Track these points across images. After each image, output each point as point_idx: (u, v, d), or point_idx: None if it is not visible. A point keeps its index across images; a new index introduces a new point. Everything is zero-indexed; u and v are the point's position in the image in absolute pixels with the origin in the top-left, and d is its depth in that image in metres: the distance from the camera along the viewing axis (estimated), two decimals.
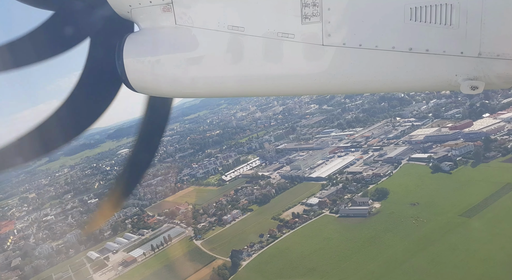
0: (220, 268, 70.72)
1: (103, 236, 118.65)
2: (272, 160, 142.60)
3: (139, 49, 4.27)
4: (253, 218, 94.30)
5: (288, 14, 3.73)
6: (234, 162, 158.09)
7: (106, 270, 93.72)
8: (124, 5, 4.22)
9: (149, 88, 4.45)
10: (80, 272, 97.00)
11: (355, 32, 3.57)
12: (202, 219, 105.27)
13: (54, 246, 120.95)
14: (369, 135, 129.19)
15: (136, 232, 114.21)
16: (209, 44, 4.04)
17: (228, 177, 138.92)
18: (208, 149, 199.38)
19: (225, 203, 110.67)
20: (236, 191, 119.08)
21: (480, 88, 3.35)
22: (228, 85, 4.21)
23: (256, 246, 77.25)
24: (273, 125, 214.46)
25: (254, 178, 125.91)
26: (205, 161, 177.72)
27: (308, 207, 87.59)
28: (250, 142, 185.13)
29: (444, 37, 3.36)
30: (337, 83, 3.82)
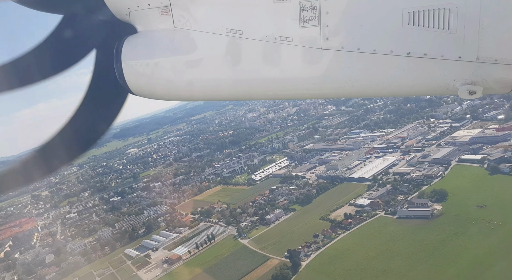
0: (282, 268, 69.33)
1: (138, 234, 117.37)
2: (301, 160, 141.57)
3: (137, 52, 4.23)
4: (298, 218, 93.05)
5: (287, 17, 3.70)
6: (260, 162, 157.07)
7: (150, 267, 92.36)
8: (123, 8, 4.16)
9: (147, 91, 4.37)
10: (122, 269, 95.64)
11: (353, 36, 3.55)
12: (242, 218, 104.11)
13: (86, 243, 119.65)
14: (404, 136, 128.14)
15: (172, 230, 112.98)
16: (207, 47, 4.00)
17: (258, 177, 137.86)
18: (226, 149, 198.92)
19: (262, 203, 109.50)
20: (271, 190, 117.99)
21: (478, 93, 3.32)
22: (226, 88, 4.16)
23: (313, 246, 75.93)
24: (290, 125, 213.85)
25: (287, 178, 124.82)
26: (227, 161, 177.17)
27: (358, 208, 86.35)
28: (270, 142, 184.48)
29: (442, 41, 3.34)
30: (335, 87, 3.81)
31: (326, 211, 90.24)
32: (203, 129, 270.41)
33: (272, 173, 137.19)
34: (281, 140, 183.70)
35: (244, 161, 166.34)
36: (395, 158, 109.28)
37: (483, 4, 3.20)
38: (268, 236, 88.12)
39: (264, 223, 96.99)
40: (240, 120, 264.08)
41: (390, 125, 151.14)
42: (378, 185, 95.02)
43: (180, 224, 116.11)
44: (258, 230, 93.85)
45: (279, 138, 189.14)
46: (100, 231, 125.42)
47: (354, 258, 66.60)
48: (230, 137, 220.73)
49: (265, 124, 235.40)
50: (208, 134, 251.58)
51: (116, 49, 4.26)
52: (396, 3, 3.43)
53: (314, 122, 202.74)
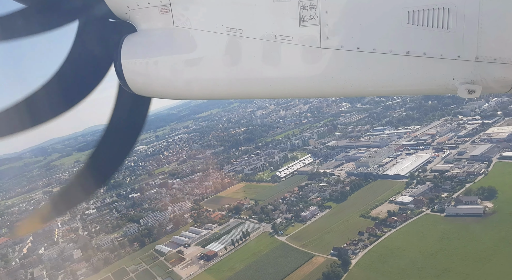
0: (333, 266, 67.98)
1: (166, 230, 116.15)
2: (326, 157, 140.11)
3: (136, 51, 4.23)
4: (336, 215, 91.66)
5: (286, 16, 3.71)
6: (282, 159, 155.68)
7: (185, 263, 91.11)
8: (122, 6, 4.16)
9: (147, 89, 4.36)
10: (156, 265, 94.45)
11: (353, 35, 3.57)
12: (274, 215, 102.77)
13: (113, 239, 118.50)
14: (433, 133, 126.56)
15: (202, 226, 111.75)
16: (207, 46, 4.00)
17: (283, 174, 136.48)
18: (241, 146, 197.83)
19: (294, 200, 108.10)
20: (300, 187, 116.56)
21: (477, 92, 3.34)
22: (226, 87, 4.15)
23: (360, 244, 74.56)
24: (304, 123, 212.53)
25: (315, 175, 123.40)
26: (245, 158, 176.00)
27: (400, 205, 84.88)
28: (288, 139, 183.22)
29: (441, 40, 3.36)
30: (335, 86, 3.80)
31: (365, 209, 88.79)
32: (211, 127, 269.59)
33: (297, 170, 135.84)
34: (299, 137, 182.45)
35: (264, 158, 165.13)
36: (429, 155, 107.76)
37: (482, 3, 3.18)
38: (307, 233, 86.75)
39: (299, 220, 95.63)
40: (250, 118, 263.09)
41: (414, 122, 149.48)
42: (416, 182, 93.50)
43: (208, 220, 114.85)
44: (294, 227, 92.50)
45: (296, 135, 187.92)
46: (126, 227, 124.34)
47: (408, 257, 65.20)
48: (243, 135, 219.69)
49: (278, 121, 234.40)
50: (218, 132, 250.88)
51: (115, 48, 4.22)
52: (395, 2, 3.41)
53: (330, 119, 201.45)
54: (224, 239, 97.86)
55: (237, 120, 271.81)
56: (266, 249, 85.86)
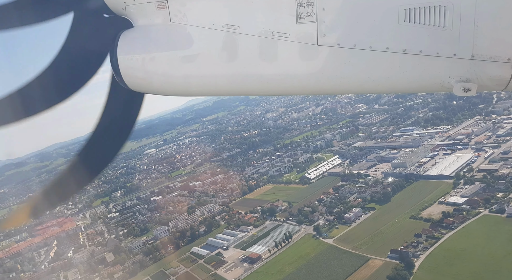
0: (397, 269, 65.36)
1: (198, 233, 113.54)
2: (355, 158, 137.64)
3: (133, 46, 4.21)
4: (382, 217, 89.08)
5: (283, 13, 3.71)
6: (307, 160, 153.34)
7: (228, 266, 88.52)
8: (119, 1, 4.15)
9: (143, 85, 4.35)
10: (196, 268, 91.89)
11: (350, 32, 3.58)
12: (314, 217, 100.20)
13: (144, 241, 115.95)
14: (468, 132, 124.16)
15: (237, 229, 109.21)
16: (203, 42, 3.99)
17: (312, 175, 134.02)
18: (259, 148, 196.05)
19: (332, 201, 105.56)
20: (335, 189, 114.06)
21: (472, 90, 3.36)
22: (222, 83, 4.13)
23: (419, 246, 71.91)
24: (320, 124, 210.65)
25: (348, 176, 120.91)
26: (266, 160, 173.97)
27: (453, 206, 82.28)
28: (308, 141, 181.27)
29: (437, 38, 3.38)
30: (331, 83, 3.78)
31: (414, 210, 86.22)
32: (220, 130, 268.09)
33: (327, 172, 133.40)
34: (319, 138, 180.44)
35: (287, 159, 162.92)
36: (471, 155, 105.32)
37: (479, 2, 3.19)
38: (355, 236, 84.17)
39: (343, 222, 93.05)
40: (261, 120, 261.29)
41: (443, 122, 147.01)
42: (464, 183, 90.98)
43: (242, 223, 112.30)
44: (339, 229, 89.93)
45: (315, 137, 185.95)
46: (156, 230, 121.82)
47: (478, 259, 62.61)
48: (258, 137, 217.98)
49: (291, 123, 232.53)
50: (230, 134, 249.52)
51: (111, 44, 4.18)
52: (392, 0, 3.41)
53: (348, 120, 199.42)
54: (264, 242, 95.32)
55: (247, 123, 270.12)
56: (313, 251, 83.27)
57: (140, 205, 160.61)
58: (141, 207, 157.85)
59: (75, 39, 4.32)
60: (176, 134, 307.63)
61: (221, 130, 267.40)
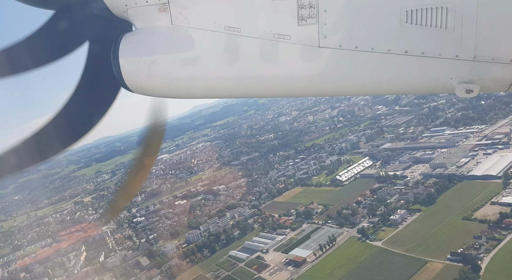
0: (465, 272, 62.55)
1: (233, 236, 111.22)
2: (387, 160, 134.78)
3: (135, 49, 4.20)
4: (431, 218, 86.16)
5: (285, 15, 3.70)
6: (335, 162, 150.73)
7: (272, 269, 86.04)
8: (120, 4, 4.15)
9: (145, 88, 4.35)
10: (238, 271, 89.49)
11: (351, 34, 3.58)
12: (355, 219, 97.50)
13: (178, 245, 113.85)
14: (506, 131, 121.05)
15: (273, 231, 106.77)
16: (205, 44, 3.98)
17: (343, 177, 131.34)
18: (279, 152, 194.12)
19: (372, 203, 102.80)
20: (372, 191, 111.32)
21: (475, 91, 3.35)
22: (224, 86, 4.13)
23: (482, 248, 68.99)
24: (340, 127, 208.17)
25: (383, 178, 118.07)
26: (290, 163, 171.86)
27: (508, 207, 79.22)
28: (330, 143, 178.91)
29: (439, 40, 3.37)
30: (333, 85, 3.78)
31: (466, 211, 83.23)
32: (233, 134, 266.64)
33: (359, 173, 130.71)
34: (342, 140, 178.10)
35: (313, 162, 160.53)
36: None
37: (480, 3, 3.19)
38: (406, 238, 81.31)
39: (389, 224, 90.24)
40: (275, 124, 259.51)
41: (476, 122, 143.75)
42: None
43: (278, 225, 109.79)
44: (386, 232, 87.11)
45: (337, 139, 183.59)
46: (187, 234, 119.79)
47: None
48: (275, 140, 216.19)
49: (308, 126, 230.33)
50: (244, 139, 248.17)
51: (113, 46, 4.17)
52: (394, 1, 3.41)
53: (369, 122, 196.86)
54: (306, 245, 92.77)
55: (260, 127, 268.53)
56: (362, 254, 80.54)
57: (164, 209, 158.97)
58: (166, 211, 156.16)
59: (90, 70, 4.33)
60: (187, 139, 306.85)
61: (233, 134, 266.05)
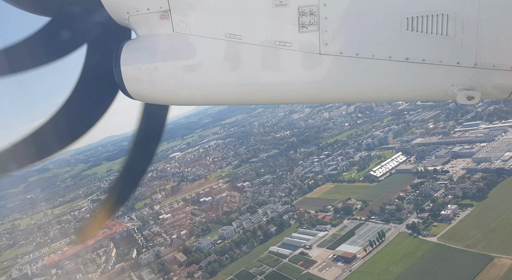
0: None
1: (270, 232, 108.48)
2: (422, 155, 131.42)
3: (136, 56, 4.23)
4: (486, 213, 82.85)
5: (286, 22, 3.72)
6: (365, 158, 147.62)
7: (320, 265, 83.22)
8: (122, 12, 4.17)
9: (147, 95, 4.40)
10: (283, 267, 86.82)
11: (352, 41, 3.59)
12: (402, 215, 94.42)
13: (213, 241, 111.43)
14: None
15: (313, 228, 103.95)
16: (206, 51, 4.01)
17: (377, 173, 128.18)
18: (300, 148, 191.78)
19: (417, 199, 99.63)
20: (414, 186, 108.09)
21: (476, 98, 3.36)
22: (225, 93, 4.14)
23: None
24: (360, 123, 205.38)
25: (423, 173, 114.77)
26: (315, 159, 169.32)
27: None
28: (355, 139, 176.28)
29: (440, 47, 3.38)
30: (334, 92, 3.78)
31: None
32: (245, 132, 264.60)
33: (394, 169, 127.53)
34: (366, 136, 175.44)
35: (341, 158, 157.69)
36: None
37: (481, 10, 3.20)
38: (462, 233, 78.12)
39: (440, 219, 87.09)
40: (288, 121, 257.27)
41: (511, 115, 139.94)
42: None
43: (316, 222, 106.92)
44: (438, 227, 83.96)
45: (361, 135, 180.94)
46: (221, 230, 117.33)
47: None
48: (293, 137, 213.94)
49: (325, 123, 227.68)
50: (259, 136, 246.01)
51: (115, 54, 4.21)
52: (394, 8, 3.43)
53: (392, 118, 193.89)
54: (352, 241, 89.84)
55: (273, 124, 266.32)
56: (417, 250, 77.50)
57: (189, 206, 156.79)
58: (191, 208, 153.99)
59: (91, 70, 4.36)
60: (197, 138, 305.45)
61: (245, 132, 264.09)
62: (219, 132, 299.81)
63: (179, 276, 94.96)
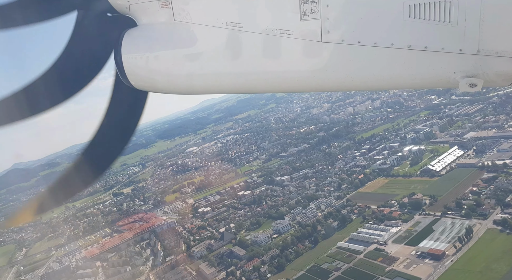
0: None
1: (331, 227, 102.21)
2: (482, 149, 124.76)
3: (137, 45, 4.22)
4: None
5: (287, 10, 3.70)
6: (417, 152, 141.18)
7: (403, 262, 76.76)
8: (123, 1, 4.17)
9: (147, 84, 4.36)
10: (361, 263, 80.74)
11: (354, 29, 3.57)
12: (484, 210, 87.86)
13: (269, 235, 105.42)
14: None
15: (380, 223, 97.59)
16: (207, 40, 3.99)
17: (437, 167, 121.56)
18: (333, 142, 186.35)
19: (497, 194, 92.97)
20: (486, 181, 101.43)
21: (478, 85, 3.34)
22: (226, 81, 4.12)
23: None
24: (393, 118, 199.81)
25: (490, 167, 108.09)
26: (355, 153, 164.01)
27: None
28: (392, 134, 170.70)
29: (443, 34, 3.36)
30: (336, 80, 3.76)
31: None
32: (263, 127, 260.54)
33: (454, 163, 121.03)
34: (407, 131, 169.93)
35: (387, 152, 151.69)
36: None
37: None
38: None
39: None
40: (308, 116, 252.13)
41: None
42: None
43: (382, 217, 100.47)
44: None
45: (400, 130, 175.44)
46: (275, 224, 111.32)
47: None
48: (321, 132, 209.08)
49: (352, 118, 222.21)
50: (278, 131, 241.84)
51: (116, 42, 4.20)
52: None
53: (428, 112, 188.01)
54: (434, 237, 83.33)
55: (291, 119, 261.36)
56: None
57: (228, 199, 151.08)
58: (230, 201, 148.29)
59: (79, 38, 4.26)
60: (211, 132, 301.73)
61: (263, 127, 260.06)
62: (234, 127, 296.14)
63: (243, 270, 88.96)
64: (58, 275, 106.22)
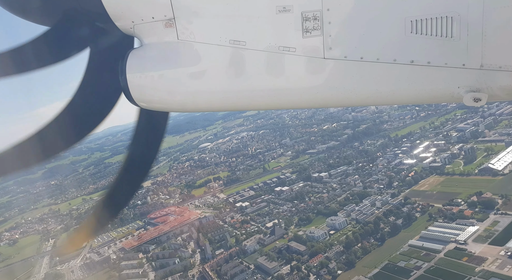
0: None
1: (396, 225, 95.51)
2: None
3: (141, 65, 4.26)
4: None
5: (289, 28, 3.72)
6: (469, 151, 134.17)
7: (496, 263, 70.28)
8: (127, 21, 4.20)
9: (152, 102, 4.42)
10: (444, 262, 74.37)
11: (356, 45, 3.57)
12: None
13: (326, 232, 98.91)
14: None
15: (451, 222, 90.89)
16: (211, 58, 4.01)
17: (497, 166, 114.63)
18: (365, 140, 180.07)
19: None
20: None
21: (483, 100, 3.32)
22: (231, 99, 4.14)
23: None
24: (424, 116, 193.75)
25: None
26: (396, 151, 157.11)
27: None
28: (430, 133, 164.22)
29: (445, 49, 3.35)
30: (339, 96, 3.77)
31: None
32: (278, 124, 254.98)
33: None
34: (448, 129, 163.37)
35: (434, 150, 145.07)
36: None
37: (486, 12, 3.18)
38: None
39: None
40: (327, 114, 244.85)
41: None
42: None
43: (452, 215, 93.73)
44: None
45: (438, 128, 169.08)
46: (330, 219, 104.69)
47: None
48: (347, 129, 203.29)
49: (378, 116, 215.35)
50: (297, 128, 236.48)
51: (120, 62, 4.24)
52: (398, 12, 3.41)
53: (463, 111, 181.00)
54: None
55: (308, 117, 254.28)
56: None
57: (264, 195, 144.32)
58: (268, 196, 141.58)
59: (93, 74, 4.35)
60: (221, 129, 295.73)
61: (277, 124, 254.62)
62: (245, 124, 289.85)
63: (307, 265, 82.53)
64: (100, 266, 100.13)
